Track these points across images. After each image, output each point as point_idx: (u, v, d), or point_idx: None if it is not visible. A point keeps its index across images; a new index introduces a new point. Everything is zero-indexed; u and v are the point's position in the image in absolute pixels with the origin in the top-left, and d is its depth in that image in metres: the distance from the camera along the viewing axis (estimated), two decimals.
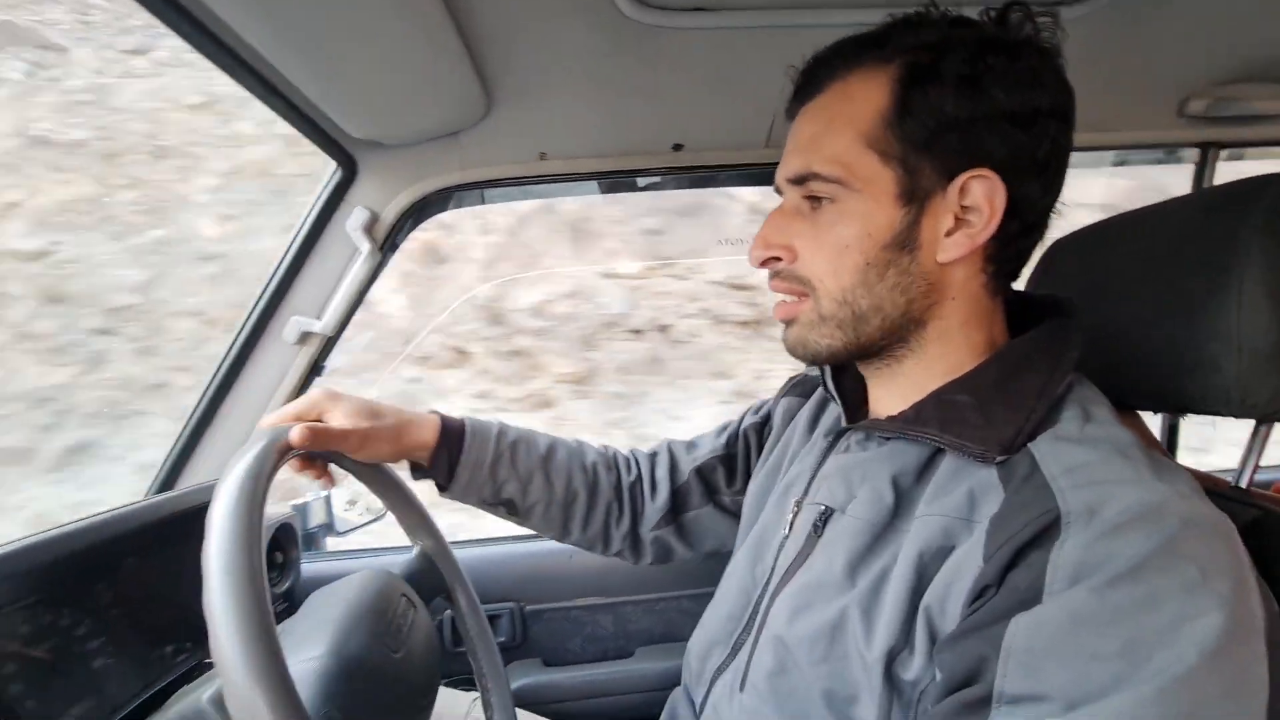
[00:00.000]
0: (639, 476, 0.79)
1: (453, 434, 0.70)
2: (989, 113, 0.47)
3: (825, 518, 0.55)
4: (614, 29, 0.75)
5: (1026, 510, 0.41)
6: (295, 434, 0.56)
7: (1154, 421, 0.89)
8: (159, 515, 0.76)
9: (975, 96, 0.46)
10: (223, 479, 0.47)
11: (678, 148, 0.97)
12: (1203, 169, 1.10)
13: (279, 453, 0.53)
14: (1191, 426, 0.85)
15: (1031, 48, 0.48)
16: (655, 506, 0.77)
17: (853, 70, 0.50)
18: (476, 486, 0.71)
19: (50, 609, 0.66)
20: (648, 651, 1.10)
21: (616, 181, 1.02)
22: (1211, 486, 0.58)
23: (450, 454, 0.70)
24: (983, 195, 0.47)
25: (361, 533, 1.16)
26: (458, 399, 3.48)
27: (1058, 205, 0.52)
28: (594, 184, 1.03)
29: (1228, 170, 1.11)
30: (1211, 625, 0.35)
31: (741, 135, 0.96)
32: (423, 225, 1.01)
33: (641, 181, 1.03)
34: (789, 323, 0.55)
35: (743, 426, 0.79)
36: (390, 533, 1.13)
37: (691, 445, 0.81)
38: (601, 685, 1.07)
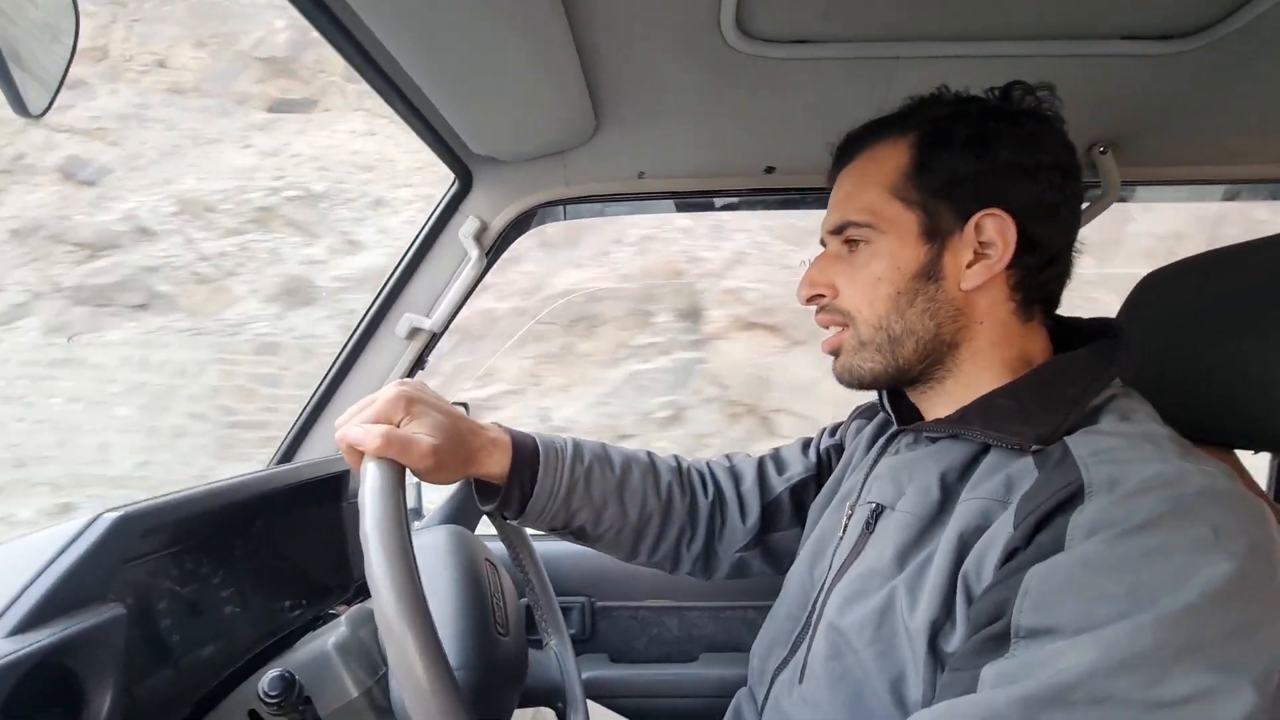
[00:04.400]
0: (718, 495, 0.78)
1: (525, 462, 0.66)
2: (995, 166, 0.55)
3: (876, 514, 0.59)
4: (719, 58, 0.80)
5: (1053, 484, 0.45)
6: (374, 446, 0.52)
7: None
8: (282, 484, 0.85)
9: (982, 154, 0.55)
10: (361, 504, 0.48)
11: (769, 170, 1.01)
12: None
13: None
14: None
15: (1033, 115, 0.57)
16: (745, 528, 0.76)
17: (879, 141, 0.60)
18: (549, 516, 0.69)
19: (194, 557, 0.75)
20: (711, 658, 1.12)
21: (708, 201, 1.07)
22: None
23: (523, 485, 0.66)
24: (995, 231, 0.55)
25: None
26: None
27: (1077, 245, 0.59)
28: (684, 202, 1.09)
29: None
30: (1219, 573, 0.37)
31: (831, 161, 0.99)
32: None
33: (729, 202, 1.07)
34: (836, 353, 0.62)
35: (823, 446, 0.80)
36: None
37: (780, 463, 0.80)
38: (665, 685, 1.09)
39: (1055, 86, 0.58)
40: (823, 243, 0.65)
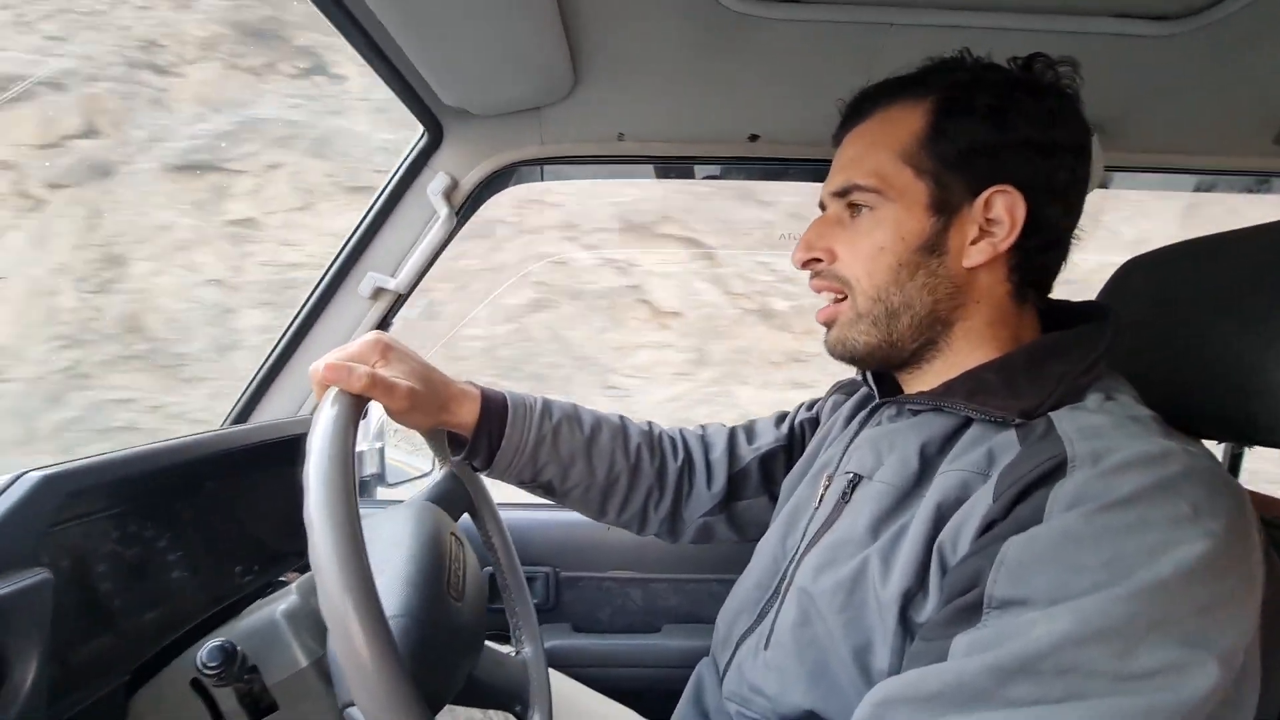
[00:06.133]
0: (687, 460, 0.79)
1: (494, 414, 0.68)
2: (1013, 140, 0.53)
3: (854, 484, 0.58)
4: (708, 15, 0.76)
5: (1036, 457, 0.44)
6: (355, 382, 0.53)
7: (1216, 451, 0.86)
8: (235, 445, 0.81)
9: (1001, 126, 0.53)
10: (313, 429, 0.47)
11: (753, 138, 0.98)
12: None
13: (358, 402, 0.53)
14: None
15: (1054, 91, 0.54)
16: (711, 493, 0.77)
17: (894, 101, 0.57)
18: (516, 469, 0.70)
19: (137, 519, 0.72)
20: (674, 629, 1.13)
21: (689, 168, 1.04)
22: (1268, 513, 0.57)
23: (491, 437, 0.68)
24: (1004, 208, 0.53)
25: (409, 486, 1.21)
26: None
27: (1077, 231, 0.57)
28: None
29: None
30: (1194, 551, 0.37)
31: (817, 130, 0.96)
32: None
33: (713, 170, 1.04)
34: (829, 325, 0.61)
35: (798, 419, 0.80)
36: None
37: (751, 433, 0.81)
38: (627, 655, 1.09)
39: (1078, 63, 0.55)
40: (822, 205, 0.62)
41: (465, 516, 0.71)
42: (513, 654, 0.67)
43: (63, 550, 0.57)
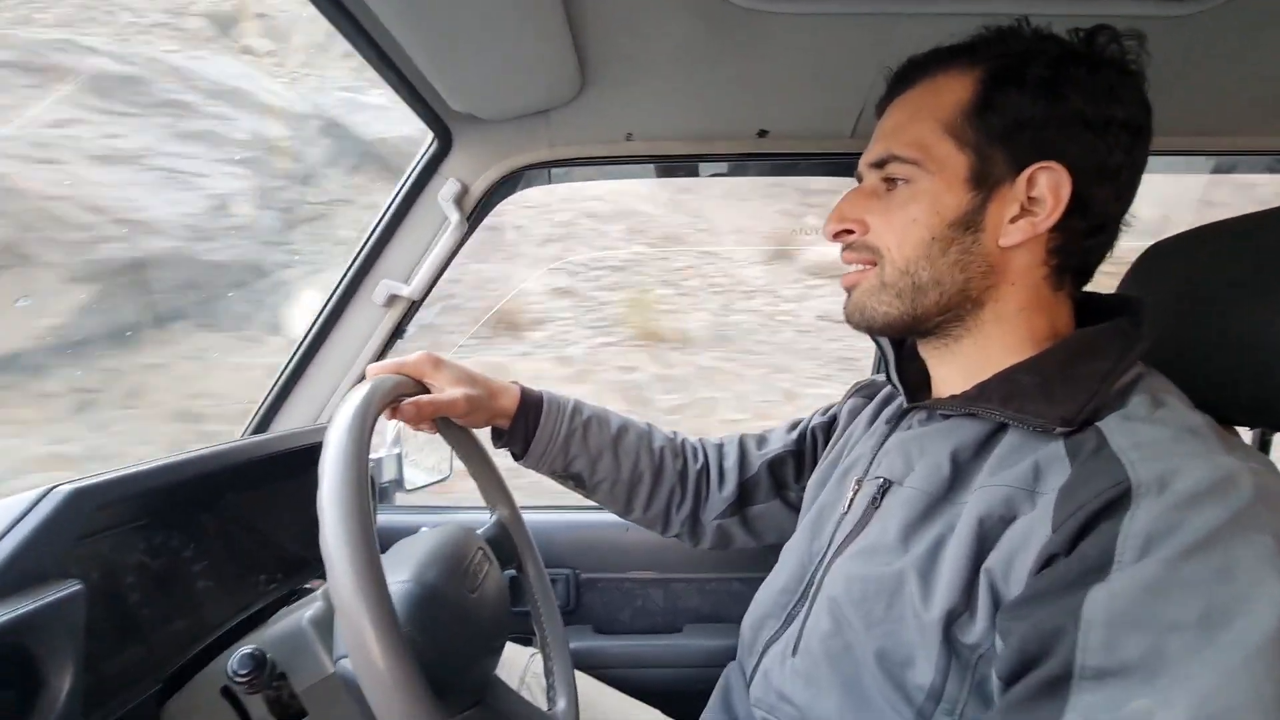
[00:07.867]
0: (705, 465, 0.81)
1: (531, 406, 0.74)
2: (1064, 115, 0.50)
3: (884, 490, 0.57)
4: (715, 12, 0.76)
5: (1096, 481, 0.42)
6: (406, 412, 0.62)
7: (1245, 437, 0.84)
8: (256, 455, 0.82)
9: (1053, 99, 0.50)
10: (332, 424, 0.49)
11: (762, 134, 0.97)
12: None
13: (380, 405, 0.54)
14: None
15: (1113, 65, 0.51)
16: (722, 497, 0.79)
17: (942, 70, 0.54)
18: (549, 458, 0.75)
19: (162, 531, 0.72)
20: (696, 629, 1.12)
21: (699, 165, 1.03)
22: None
23: (527, 426, 0.74)
24: (1048, 186, 0.50)
25: (427, 491, 1.22)
26: None
27: (1127, 217, 0.54)
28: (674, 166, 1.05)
29: None
30: None
31: (827, 125, 0.96)
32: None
33: (724, 166, 1.03)
34: (851, 290, 0.59)
35: (811, 425, 0.81)
36: (455, 491, 1.18)
37: (762, 440, 0.83)
38: (649, 656, 1.09)
39: (1145, 36, 0.52)
40: (859, 177, 0.60)
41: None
42: (546, 708, 0.67)
43: (93, 562, 0.58)
